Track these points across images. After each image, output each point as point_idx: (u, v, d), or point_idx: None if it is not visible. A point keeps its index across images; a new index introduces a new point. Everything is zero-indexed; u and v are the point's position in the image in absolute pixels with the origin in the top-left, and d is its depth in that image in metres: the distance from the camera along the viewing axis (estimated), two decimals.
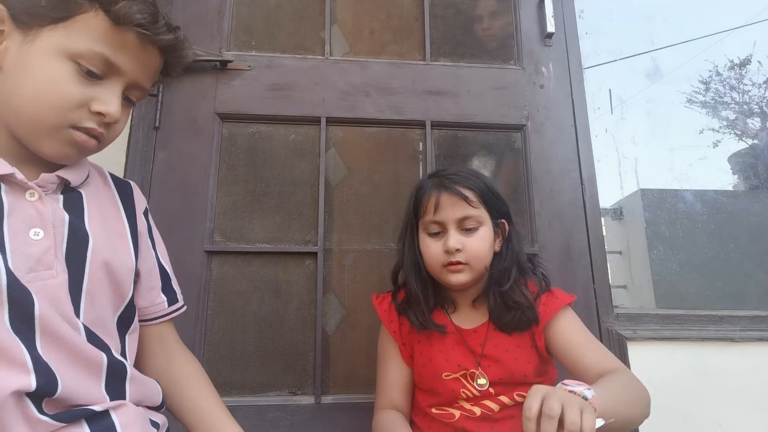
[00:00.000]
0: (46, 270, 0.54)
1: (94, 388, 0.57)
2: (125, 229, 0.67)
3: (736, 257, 2.03)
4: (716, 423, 1.13)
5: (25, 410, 0.50)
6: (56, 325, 0.53)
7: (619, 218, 2.30)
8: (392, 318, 0.92)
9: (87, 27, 0.54)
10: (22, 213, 0.54)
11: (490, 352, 0.85)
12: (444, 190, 0.85)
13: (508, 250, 0.88)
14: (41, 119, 0.54)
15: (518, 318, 0.84)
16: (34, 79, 0.53)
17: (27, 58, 0.53)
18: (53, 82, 0.54)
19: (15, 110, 0.55)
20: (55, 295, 0.54)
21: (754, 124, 2.62)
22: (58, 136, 0.56)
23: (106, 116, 0.57)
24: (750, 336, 1.17)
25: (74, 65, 0.54)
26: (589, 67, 1.53)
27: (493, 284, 0.86)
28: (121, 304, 0.64)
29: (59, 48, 0.53)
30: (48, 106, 0.54)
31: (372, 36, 1.36)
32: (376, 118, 1.27)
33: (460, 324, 0.89)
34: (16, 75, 0.54)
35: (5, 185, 0.55)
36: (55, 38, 0.53)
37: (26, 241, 0.54)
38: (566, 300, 0.87)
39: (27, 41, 0.54)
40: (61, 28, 0.53)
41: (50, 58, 0.53)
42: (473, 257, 0.84)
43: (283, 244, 1.19)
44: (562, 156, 1.29)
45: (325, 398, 1.11)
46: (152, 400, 0.67)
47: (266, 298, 1.16)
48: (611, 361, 0.80)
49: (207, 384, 0.74)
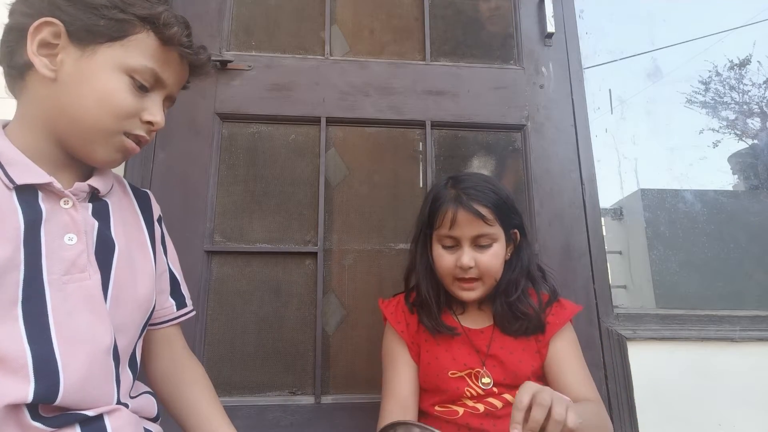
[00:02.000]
0: (80, 272, 0.58)
1: (106, 392, 0.57)
2: (145, 237, 0.71)
3: (736, 257, 2.03)
4: (716, 423, 1.13)
5: (18, 417, 0.50)
6: (79, 325, 0.56)
7: (619, 218, 2.30)
8: (399, 319, 0.92)
9: (140, 46, 0.60)
10: (57, 219, 0.58)
11: (496, 353, 0.86)
12: (462, 207, 0.84)
13: (518, 260, 0.90)
14: (100, 126, 0.59)
15: (525, 326, 0.86)
16: (96, 90, 0.58)
17: (87, 71, 0.58)
18: (113, 92, 0.59)
19: (74, 118, 0.59)
20: (90, 294, 0.58)
21: (754, 124, 2.62)
22: (112, 142, 0.61)
23: (154, 125, 0.63)
24: (750, 336, 1.17)
25: (129, 79, 0.60)
26: (589, 67, 1.53)
27: (501, 293, 0.88)
28: (147, 309, 0.67)
29: (117, 63, 0.59)
30: (108, 115, 0.59)
31: (372, 36, 1.36)
32: (376, 118, 1.27)
33: (467, 324, 0.90)
34: (76, 86, 0.58)
35: (42, 193, 0.58)
36: (113, 55, 0.59)
37: (61, 245, 0.57)
38: (575, 310, 0.90)
39: (85, 56, 0.58)
40: (118, 46, 0.59)
41: (110, 72, 0.59)
42: (485, 273, 0.85)
43: (283, 244, 1.19)
44: (562, 156, 1.29)
45: (325, 398, 1.11)
46: (148, 411, 0.67)
47: (266, 298, 1.16)
48: (591, 392, 0.84)
49: (209, 392, 0.74)
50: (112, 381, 0.59)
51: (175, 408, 0.72)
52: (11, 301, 0.53)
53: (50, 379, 0.52)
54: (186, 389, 0.73)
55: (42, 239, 0.56)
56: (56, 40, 0.58)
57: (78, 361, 0.55)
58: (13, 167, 0.57)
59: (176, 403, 0.72)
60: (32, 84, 0.59)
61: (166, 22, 0.60)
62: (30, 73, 0.59)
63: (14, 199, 0.56)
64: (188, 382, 0.74)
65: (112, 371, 0.59)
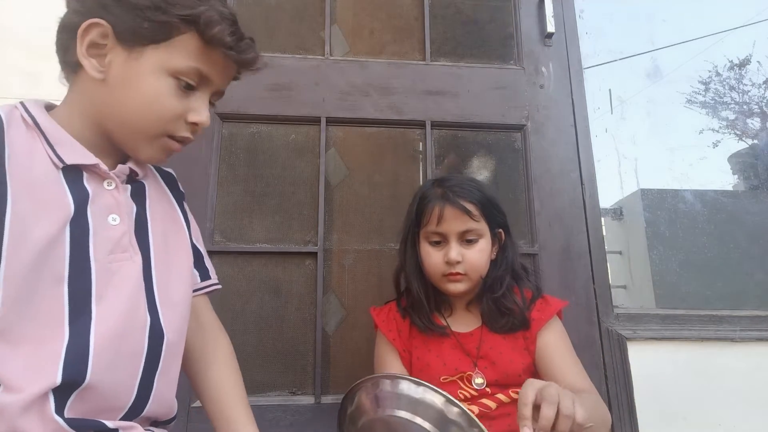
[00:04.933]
0: (122, 252, 0.60)
1: (130, 378, 0.58)
2: (178, 214, 0.73)
3: (736, 257, 2.03)
4: (716, 423, 1.13)
5: (43, 407, 0.50)
6: (117, 306, 0.57)
7: (619, 218, 2.31)
8: (391, 327, 0.93)
9: (185, 47, 0.59)
10: (101, 200, 0.60)
11: (486, 353, 0.87)
12: (448, 203, 0.86)
13: (503, 258, 0.92)
14: (145, 130, 0.60)
15: (511, 323, 0.88)
16: (142, 94, 0.59)
17: (134, 74, 0.58)
18: (158, 97, 0.59)
19: (120, 120, 0.60)
20: (130, 275, 0.59)
21: (754, 124, 2.62)
22: (156, 144, 0.62)
23: (200, 125, 0.63)
24: (750, 336, 1.17)
25: (175, 81, 0.59)
26: (589, 67, 1.53)
27: (487, 290, 0.90)
28: (190, 284, 0.70)
29: (162, 66, 0.58)
30: (153, 119, 0.60)
31: (372, 36, 1.36)
32: (376, 118, 1.27)
33: (456, 328, 0.92)
34: (123, 89, 0.59)
35: (86, 174, 0.60)
36: (158, 57, 0.58)
37: (106, 225, 0.59)
38: (559, 305, 0.91)
39: (132, 58, 0.58)
40: (163, 48, 0.58)
41: (155, 75, 0.58)
42: (472, 268, 0.87)
43: (283, 244, 1.19)
44: (562, 156, 1.29)
45: (325, 398, 1.11)
46: (166, 412, 0.66)
47: (266, 298, 1.16)
48: (585, 383, 0.84)
49: (234, 373, 0.75)
50: (140, 362, 0.59)
51: (196, 385, 0.73)
52: (57, 278, 0.53)
53: (80, 362, 0.53)
54: (210, 369, 0.73)
55: (89, 219, 0.57)
56: (104, 40, 0.58)
57: (110, 344, 0.55)
58: (61, 147, 0.58)
59: (198, 382, 0.73)
60: (83, 81, 0.60)
61: (208, 21, 0.58)
62: (81, 70, 0.59)
63: (62, 178, 0.57)
64: (213, 361, 0.74)
65: (143, 352, 0.59)
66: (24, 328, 0.51)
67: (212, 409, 0.71)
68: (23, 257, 0.51)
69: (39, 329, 0.52)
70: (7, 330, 0.51)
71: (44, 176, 0.56)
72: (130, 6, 0.57)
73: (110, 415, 0.56)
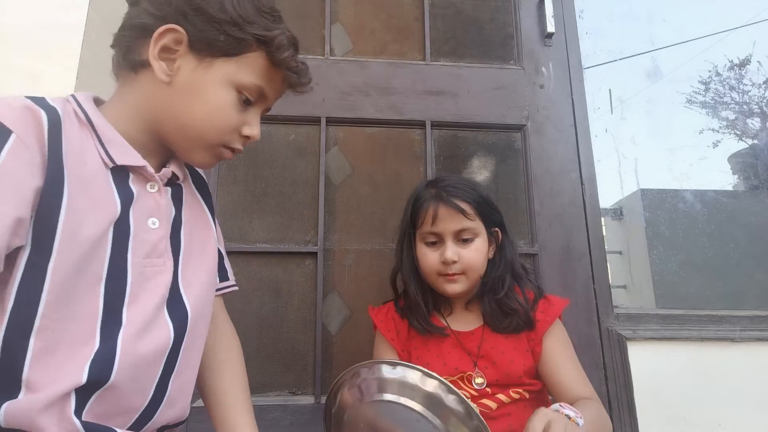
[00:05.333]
0: (158, 257, 0.60)
1: (148, 380, 0.58)
2: (209, 218, 0.73)
3: (736, 257, 2.03)
4: (716, 423, 1.13)
5: (63, 408, 0.50)
6: (145, 311, 0.57)
7: (619, 218, 2.30)
8: (389, 327, 0.93)
9: (252, 64, 0.61)
10: (143, 202, 0.60)
11: (487, 353, 0.87)
12: (442, 203, 0.87)
13: (501, 258, 0.92)
14: (204, 137, 0.62)
15: (515, 323, 0.87)
16: (207, 103, 0.60)
17: (201, 83, 0.60)
18: (222, 108, 0.61)
19: (181, 124, 0.61)
20: (160, 282, 0.60)
21: (754, 124, 2.62)
22: (211, 152, 0.64)
23: (251, 138, 0.65)
24: (750, 336, 1.17)
25: (237, 94, 0.61)
26: (589, 67, 1.54)
27: (488, 291, 0.89)
28: (213, 288, 0.70)
29: (230, 79, 0.60)
30: (214, 128, 0.61)
31: (372, 36, 1.36)
32: (376, 118, 1.27)
33: (456, 327, 0.91)
34: (188, 95, 0.60)
35: (132, 175, 0.60)
36: (227, 70, 0.60)
37: (146, 229, 0.60)
38: (562, 305, 0.90)
39: (201, 67, 0.60)
40: (232, 62, 0.60)
41: (222, 87, 0.60)
42: (468, 267, 0.87)
43: (283, 244, 1.19)
44: (562, 156, 1.29)
45: (325, 398, 1.11)
46: (178, 414, 0.65)
47: (266, 298, 1.16)
48: (587, 389, 0.85)
49: (242, 380, 0.75)
50: (160, 365, 0.59)
51: (203, 388, 0.73)
52: (96, 278, 0.54)
53: (107, 363, 0.53)
54: (218, 374, 0.73)
55: (131, 221, 0.58)
56: (177, 46, 0.59)
57: (135, 348, 0.55)
58: (113, 146, 0.58)
59: (205, 385, 0.73)
60: (144, 81, 0.61)
61: (280, 45, 0.61)
62: (144, 71, 0.60)
63: (110, 178, 0.57)
64: (221, 366, 0.74)
65: (164, 356, 0.59)
66: (62, 329, 0.51)
67: (217, 413, 0.71)
68: (72, 254, 0.52)
69: (75, 331, 0.52)
70: (46, 330, 0.50)
71: (96, 174, 0.56)
72: (210, 18, 0.58)
73: (124, 418, 0.56)
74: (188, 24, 0.58)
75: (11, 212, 0.47)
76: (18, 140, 0.49)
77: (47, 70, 0.92)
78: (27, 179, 0.49)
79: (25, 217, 0.49)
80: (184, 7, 0.58)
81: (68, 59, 0.92)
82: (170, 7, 0.58)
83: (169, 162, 0.66)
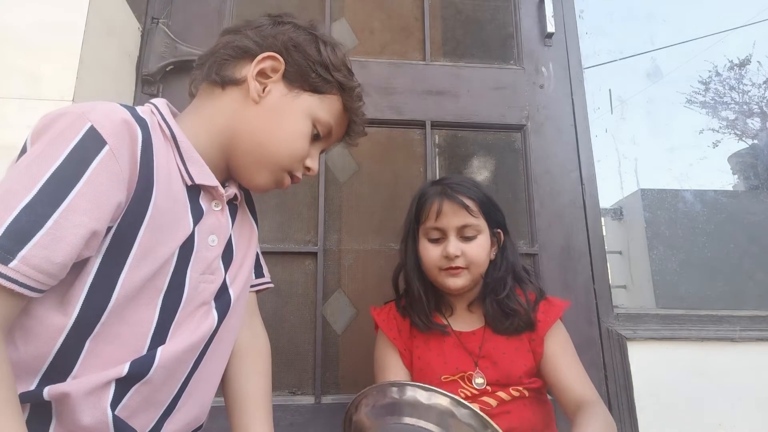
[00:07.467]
0: (211, 274, 0.62)
1: (180, 374, 0.60)
2: (255, 234, 0.75)
3: (736, 257, 2.03)
4: (716, 423, 1.13)
5: (100, 398, 0.51)
6: (189, 326, 0.59)
7: (619, 218, 2.30)
8: (391, 326, 0.93)
9: (330, 104, 0.68)
10: (208, 219, 0.62)
11: (488, 353, 0.87)
12: (446, 198, 0.88)
13: (503, 258, 0.92)
14: (277, 159, 0.65)
15: (516, 324, 0.88)
16: (287, 128, 0.65)
17: (287, 109, 0.65)
18: (299, 134, 0.66)
19: (260, 142, 0.64)
20: (206, 301, 0.62)
21: (754, 124, 2.62)
22: (276, 176, 0.67)
23: (310, 171, 0.70)
24: (750, 336, 1.17)
25: (312, 128, 0.67)
26: (589, 67, 1.53)
27: (489, 292, 0.90)
28: (247, 293, 0.74)
29: (311, 112, 0.66)
30: (288, 151, 0.66)
31: (372, 36, 1.36)
32: (376, 118, 1.26)
33: (458, 327, 0.92)
34: (273, 116, 0.65)
35: (203, 193, 0.62)
36: (310, 103, 0.66)
37: (206, 245, 0.62)
38: (563, 306, 0.91)
39: (290, 95, 0.65)
40: (316, 98, 0.67)
41: (303, 117, 0.66)
42: (471, 263, 0.87)
43: (284, 244, 1.19)
44: (562, 156, 1.29)
45: (325, 398, 1.11)
46: (197, 413, 0.66)
47: (266, 298, 1.16)
48: (589, 391, 0.84)
49: (267, 384, 0.78)
50: (191, 362, 0.61)
51: (227, 384, 0.74)
52: (158, 290, 0.56)
53: (147, 363, 0.54)
54: (242, 378, 0.75)
55: (196, 239, 0.60)
56: (272, 73, 0.65)
57: (176, 354, 0.57)
58: (192, 165, 0.60)
59: (231, 383, 0.74)
60: (230, 97, 0.64)
61: (357, 96, 0.71)
62: (232, 88, 0.64)
63: (186, 195, 0.60)
64: (248, 367, 0.76)
65: (195, 354, 0.61)
66: (116, 333, 0.53)
67: (236, 412, 0.73)
68: (144, 270, 0.54)
69: (128, 334, 0.54)
70: (102, 334, 0.52)
71: (179, 192, 0.58)
72: (307, 57, 0.66)
73: (150, 414, 0.57)
74: (288, 57, 0.65)
75: (88, 224, 0.48)
76: (110, 152, 0.50)
77: (47, 70, 0.92)
78: (111, 192, 0.50)
79: (101, 231, 0.50)
80: (288, 44, 0.66)
81: (68, 59, 0.92)
82: (275, 41, 0.65)
83: (228, 182, 0.68)
